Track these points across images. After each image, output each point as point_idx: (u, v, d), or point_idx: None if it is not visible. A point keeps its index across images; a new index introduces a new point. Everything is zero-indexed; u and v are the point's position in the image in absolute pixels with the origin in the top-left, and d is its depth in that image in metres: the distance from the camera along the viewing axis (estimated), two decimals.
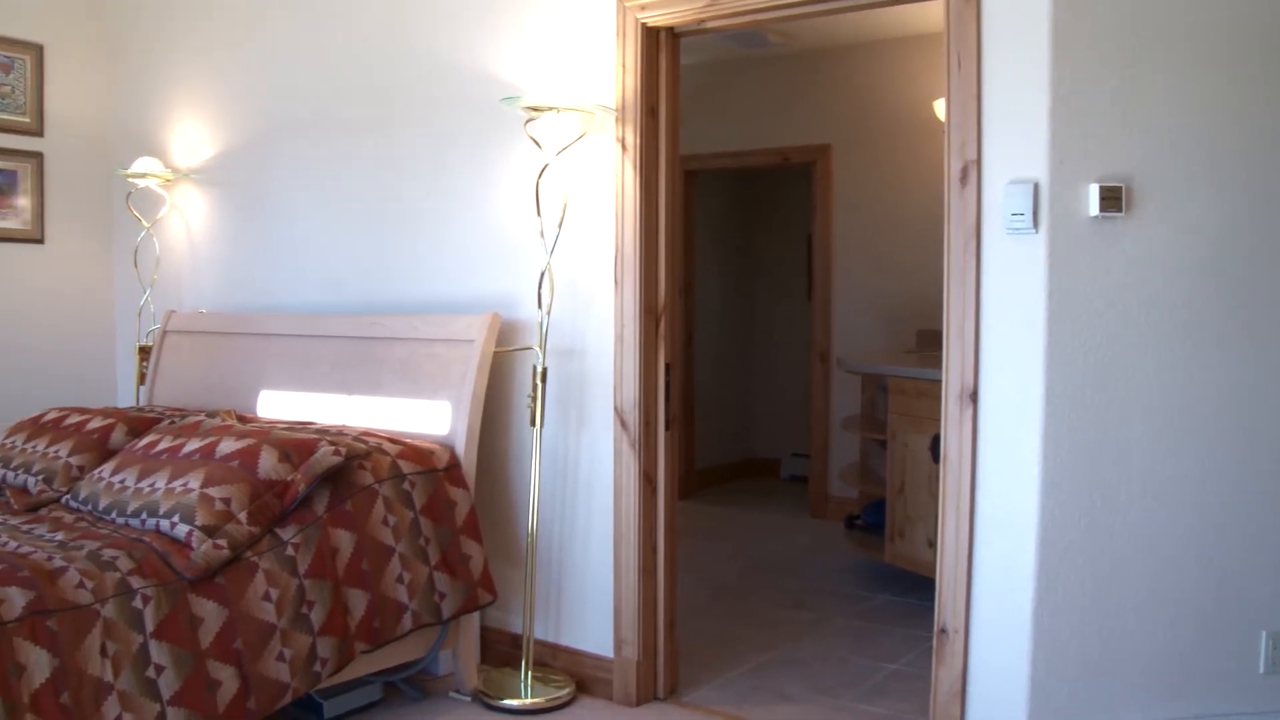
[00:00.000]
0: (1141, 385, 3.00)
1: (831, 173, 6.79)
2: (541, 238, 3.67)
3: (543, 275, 3.65)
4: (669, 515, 3.74)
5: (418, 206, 4.20)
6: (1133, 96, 2.96)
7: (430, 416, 3.81)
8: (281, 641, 3.02)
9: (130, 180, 5.00)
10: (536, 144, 3.63)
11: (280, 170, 4.69)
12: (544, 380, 3.68)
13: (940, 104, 5.72)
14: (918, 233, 6.27)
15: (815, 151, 6.84)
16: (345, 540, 3.26)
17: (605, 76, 3.68)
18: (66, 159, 5.26)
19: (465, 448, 3.69)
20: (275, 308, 4.70)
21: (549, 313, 3.68)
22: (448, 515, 3.56)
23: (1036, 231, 2.94)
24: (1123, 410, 2.99)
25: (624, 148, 3.64)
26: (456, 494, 3.60)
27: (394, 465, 3.48)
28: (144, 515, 3.16)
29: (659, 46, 3.67)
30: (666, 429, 3.73)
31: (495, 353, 3.79)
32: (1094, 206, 2.92)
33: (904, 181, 6.47)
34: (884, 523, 5.03)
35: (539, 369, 3.67)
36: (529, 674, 3.69)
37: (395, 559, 3.37)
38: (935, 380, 4.03)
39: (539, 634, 3.88)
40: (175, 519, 3.06)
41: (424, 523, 3.48)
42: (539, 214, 3.65)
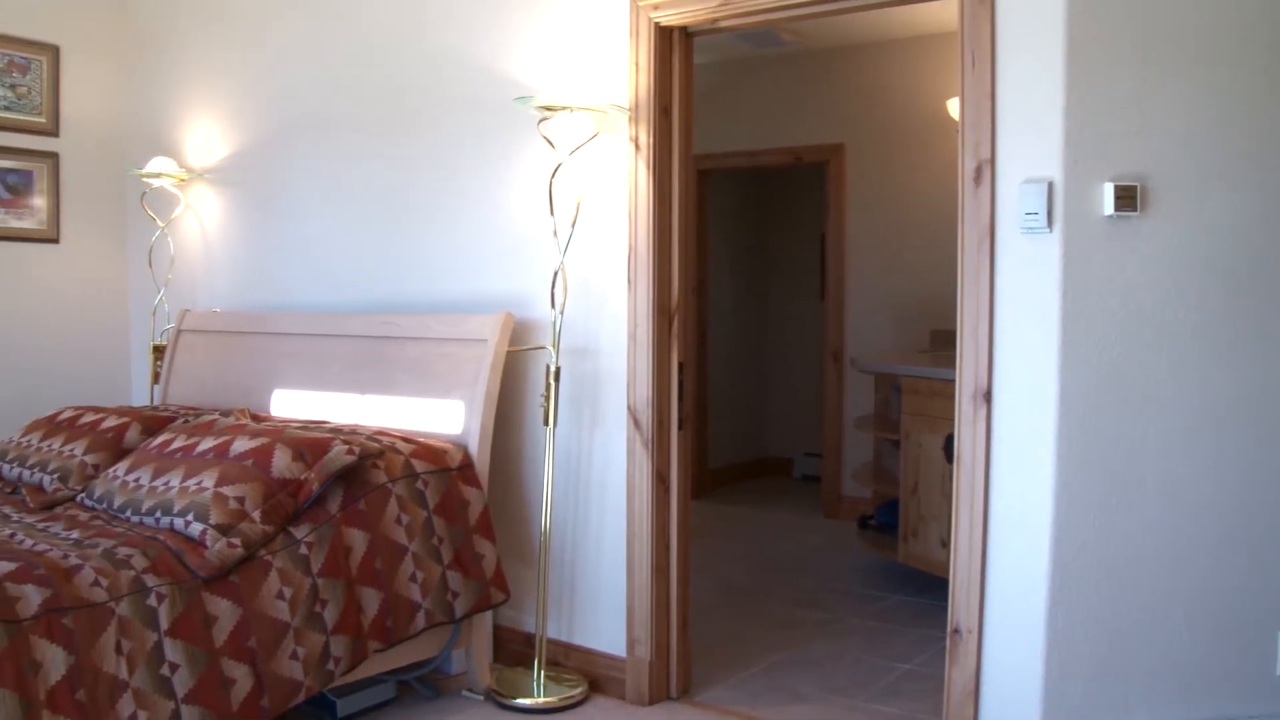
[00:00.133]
0: (1156, 385, 2.99)
1: (844, 172, 6.77)
2: (555, 237, 3.67)
3: (556, 274, 3.65)
4: (682, 514, 3.74)
5: (431, 206, 4.21)
6: (1147, 96, 2.95)
7: (443, 416, 3.82)
8: (295, 640, 3.03)
9: (145, 180, 5.03)
10: (550, 143, 3.63)
11: (294, 170, 4.70)
12: (557, 379, 3.69)
13: (954, 103, 5.75)
14: (931, 232, 6.27)
15: (828, 151, 6.82)
16: (358, 539, 3.27)
17: (618, 76, 3.68)
18: (82, 159, 5.29)
19: (478, 447, 3.70)
20: (289, 307, 4.71)
21: (562, 312, 3.68)
22: (461, 514, 3.56)
23: (1051, 231, 2.93)
24: (1137, 410, 2.98)
25: (637, 147, 3.64)
26: (470, 493, 3.60)
27: (407, 464, 3.49)
28: (158, 514, 3.17)
29: (672, 46, 3.67)
30: (679, 428, 3.73)
31: (508, 352, 3.79)
32: (1109, 206, 2.91)
33: (917, 181, 6.45)
34: (897, 523, 5.02)
35: (552, 368, 3.67)
36: (542, 673, 3.69)
37: (408, 558, 3.37)
38: (949, 380, 4.03)
39: (552, 633, 3.89)
40: (189, 517, 3.07)
41: (437, 522, 3.49)
42: (552, 213, 3.66)
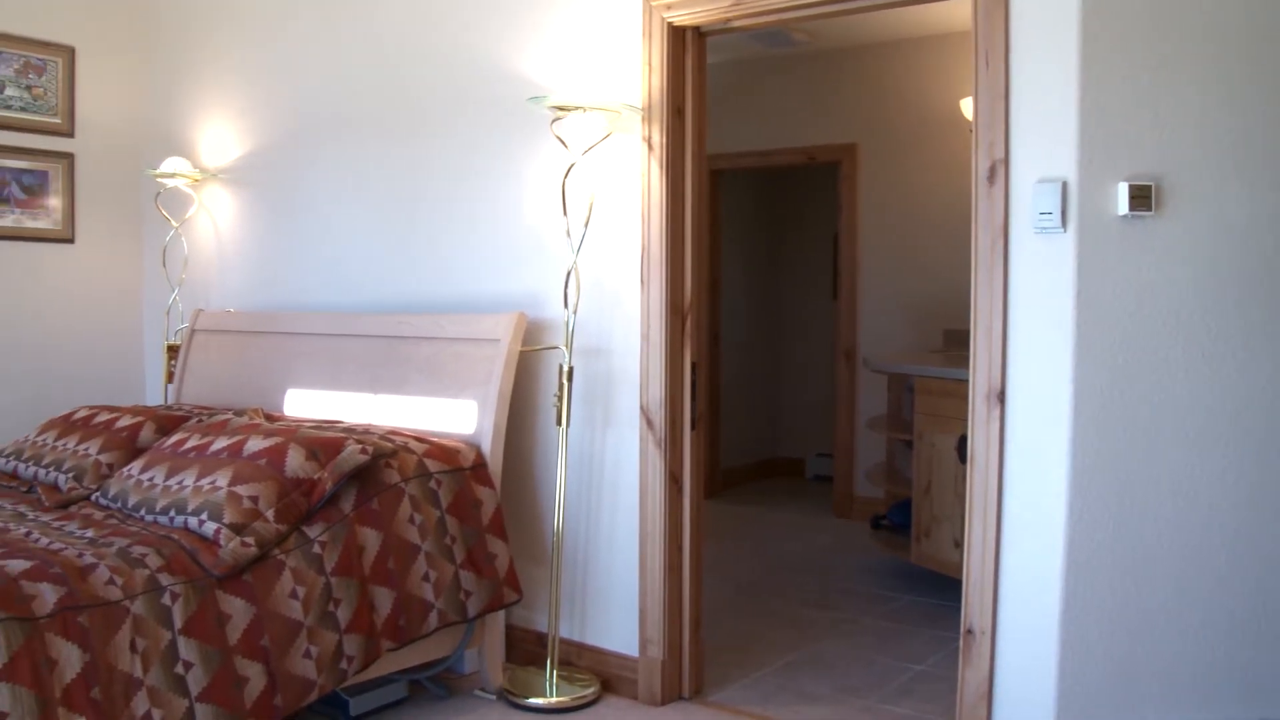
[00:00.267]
0: (1170, 385, 2.97)
1: (857, 172, 6.76)
2: (568, 237, 3.68)
3: (569, 274, 3.65)
4: (695, 514, 3.74)
5: (444, 206, 4.21)
6: (1162, 95, 2.94)
7: (456, 415, 3.82)
8: (308, 639, 3.04)
9: (159, 180, 5.05)
10: (563, 143, 3.64)
11: (307, 170, 4.71)
12: (570, 379, 3.69)
13: (967, 102, 5.73)
14: (944, 232, 6.26)
15: (841, 150, 6.81)
16: (372, 539, 3.27)
17: (631, 76, 3.68)
18: (97, 160, 5.31)
19: (491, 447, 3.70)
20: (302, 307, 4.72)
21: (575, 312, 3.68)
22: (474, 514, 3.57)
23: (1065, 230, 2.92)
24: (1151, 411, 2.97)
25: (650, 147, 3.64)
26: (482, 493, 3.61)
27: (420, 464, 3.49)
28: (172, 513, 3.18)
29: (685, 46, 3.67)
30: (692, 428, 3.73)
31: (521, 352, 3.80)
32: (1123, 205, 2.90)
33: (930, 180, 6.44)
34: (910, 523, 5.01)
35: (565, 368, 3.67)
36: (554, 673, 3.70)
37: (421, 557, 3.38)
38: (962, 380, 4.03)
39: (564, 633, 3.89)
40: (203, 517, 3.08)
41: (450, 521, 3.49)
42: (565, 213, 3.66)
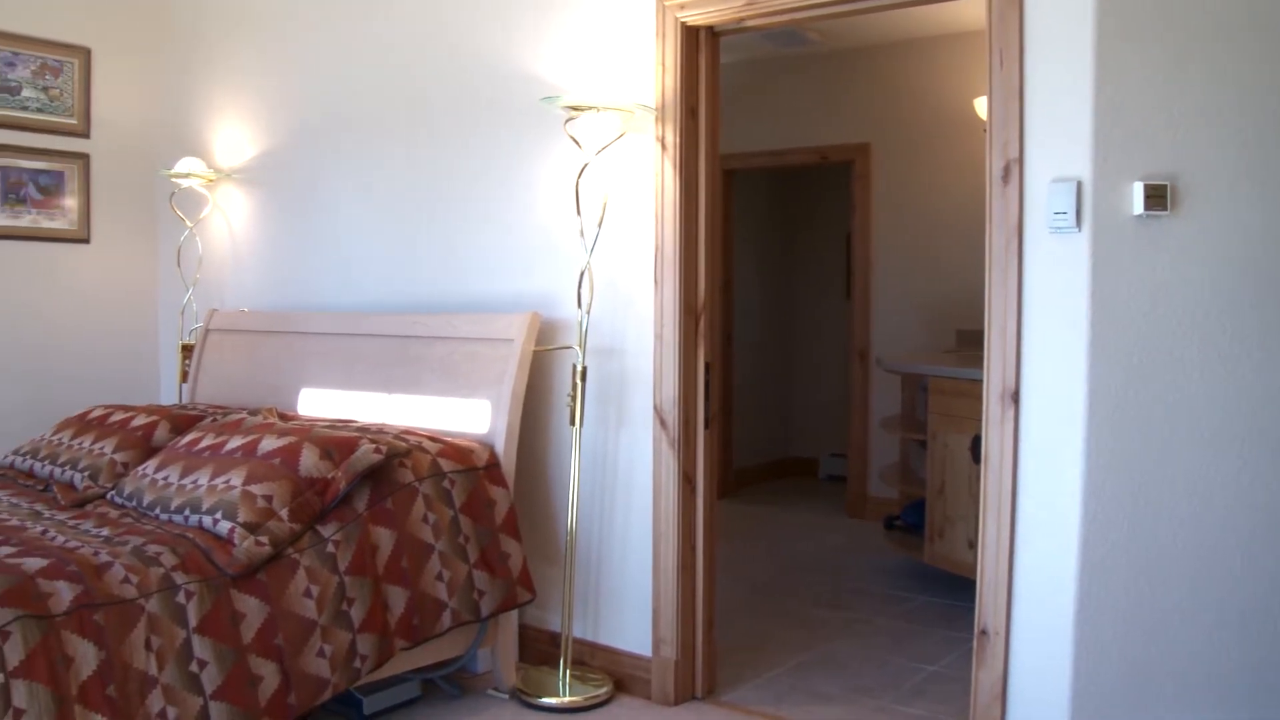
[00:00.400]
0: (1185, 386, 2.96)
1: (871, 171, 6.75)
2: (581, 237, 3.68)
3: (582, 274, 3.66)
4: (708, 514, 3.73)
5: (457, 206, 4.22)
6: (1178, 94, 2.92)
7: (470, 415, 3.83)
8: (322, 638, 3.04)
9: (173, 180, 5.07)
10: (576, 143, 3.64)
11: (321, 169, 4.72)
12: (583, 379, 3.69)
13: (981, 102, 5.72)
14: (958, 231, 6.24)
15: (854, 150, 6.80)
16: (385, 538, 3.28)
17: (645, 76, 3.68)
18: (112, 160, 5.33)
19: (505, 446, 3.71)
20: (316, 306, 4.73)
21: (589, 312, 3.68)
22: (487, 514, 3.57)
23: (1079, 230, 2.91)
24: (1167, 411, 2.95)
25: (664, 147, 3.64)
26: (496, 492, 3.61)
27: (434, 464, 3.50)
28: (187, 512, 3.19)
29: (698, 46, 3.67)
30: (706, 428, 3.73)
31: (535, 351, 3.80)
32: (1138, 205, 2.89)
33: (944, 180, 6.43)
34: (923, 523, 5.00)
35: (579, 368, 3.68)
36: (567, 672, 3.70)
37: (435, 557, 3.38)
38: (976, 380, 4.01)
39: (577, 633, 3.89)
40: (218, 516, 3.09)
41: (463, 521, 3.50)
42: (579, 213, 3.66)
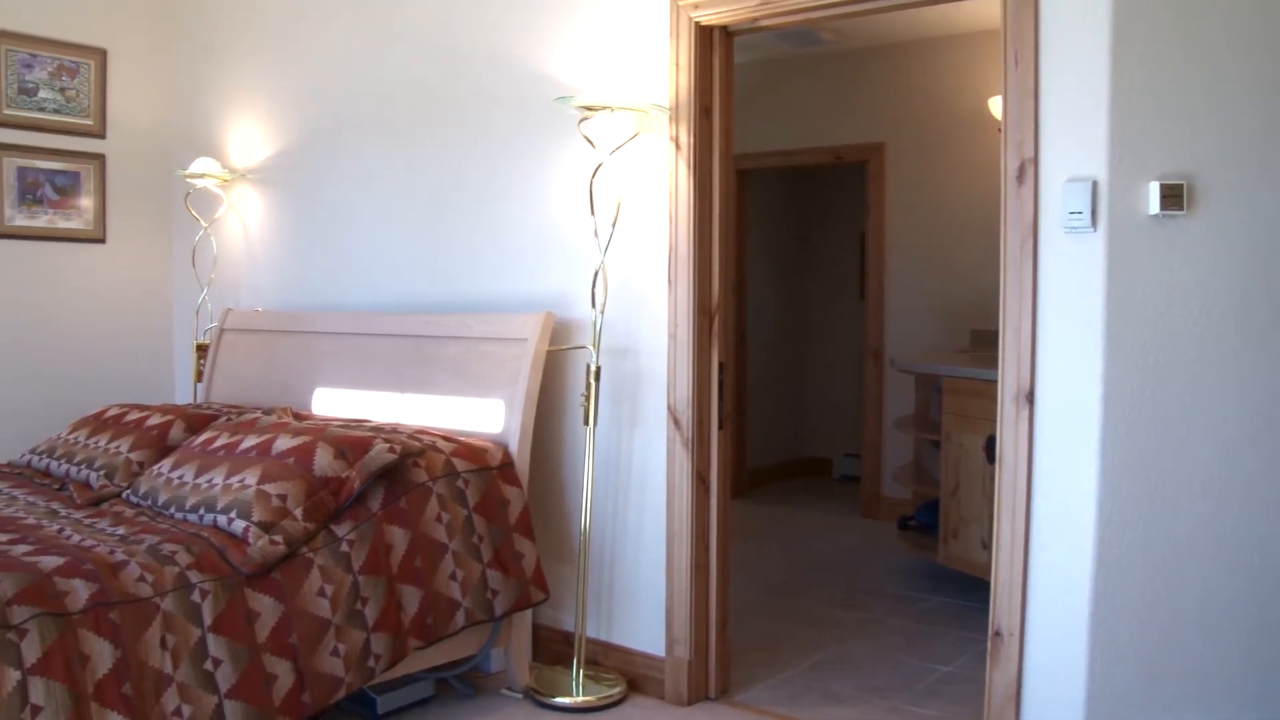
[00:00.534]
0: (1201, 386, 2.94)
1: (885, 171, 6.73)
2: (595, 237, 3.68)
3: (596, 274, 3.66)
4: (722, 514, 3.73)
5: (472, 205, 4.22)
6: (1193, 94, 2.91)
7: (484, 415, 3.83)
8: (336, 637, 3.05)
9: (189, 181, 5.09)
10: (590, 143, 3.64)
11: (335, 169, 4.74)
12: (597, 379, 3.69)
13: (996, 101, 5.70)
14: (972, 231, 6.22)
15: (868, 150, 6.79)
16: (399, 537, 3.29)
17: (659, 76, 3.68)
18: (128, 160, 5.36)
19: (518, 446, 3.71)
20: (330, 306, 4.75)
21: (603, 311, 3.69)
22: (501, 513, 3.57)
23: (1095, 230, 2.90)
24: (1183, 411, 2.94)
25: (678, 147, 3.64)
26: (510, 492, 3.61)
27: (448, 463, 3.50)
28: (202, 511, 3.20)
29: (712, 45, 3.66)
30: (719, 428, 3.72)
31: (549, 351, 3.80)
32: (1154, 205, 2.87)
33: (958, 180, 6.41)
34: (937, 523, 4.99)
35: (592, 368, 3.68)
36: (580, 672, 3.70)
37: (449, 556, 3.39)
38: (990, 380, 4.00)
39: (591, 632, 3.89)
40: (232, 515, 3.10)
41: (477, 520, 3.50)
42: (593, 213, 3.66)
